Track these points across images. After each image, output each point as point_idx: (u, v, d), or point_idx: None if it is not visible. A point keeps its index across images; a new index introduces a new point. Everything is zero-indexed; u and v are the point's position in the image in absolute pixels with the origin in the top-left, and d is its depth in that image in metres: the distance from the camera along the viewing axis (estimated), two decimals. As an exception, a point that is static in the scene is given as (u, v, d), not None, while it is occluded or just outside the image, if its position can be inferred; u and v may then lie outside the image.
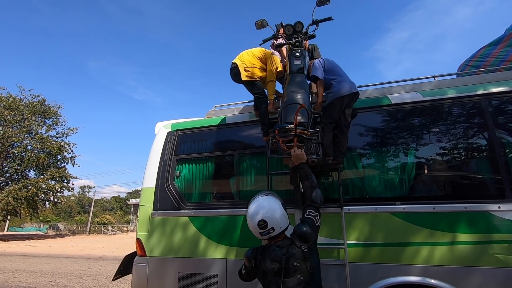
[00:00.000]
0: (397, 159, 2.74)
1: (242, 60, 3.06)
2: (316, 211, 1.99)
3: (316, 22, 2.71)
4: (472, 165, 2.61)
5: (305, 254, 1.81)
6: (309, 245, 1.86)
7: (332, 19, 2.69)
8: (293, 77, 2.67)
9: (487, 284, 2.17)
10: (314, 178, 2.18)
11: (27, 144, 22.25)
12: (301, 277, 1.76)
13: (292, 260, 1.78)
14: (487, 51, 3.56)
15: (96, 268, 8.97)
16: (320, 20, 2.70)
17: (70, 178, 23.68)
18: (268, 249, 1.89)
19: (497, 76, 2.78)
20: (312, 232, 1.89)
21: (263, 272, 1.87)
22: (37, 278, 7.19)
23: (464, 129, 2.64)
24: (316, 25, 2.73)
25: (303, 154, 2.23)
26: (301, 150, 2.27)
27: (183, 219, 3.05)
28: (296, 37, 2.70)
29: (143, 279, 2.98)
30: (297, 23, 2.65)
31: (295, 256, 1.79)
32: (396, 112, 2.83)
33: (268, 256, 1.86)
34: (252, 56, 3.09)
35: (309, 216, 1.95)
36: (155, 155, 3.39)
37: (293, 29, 2.65)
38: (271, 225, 1.86)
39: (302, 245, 1.83)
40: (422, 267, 2.31)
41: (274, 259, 1.82)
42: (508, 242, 2.19)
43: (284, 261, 1.77)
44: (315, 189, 2.08)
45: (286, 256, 1.78)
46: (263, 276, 1.88)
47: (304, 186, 2.15)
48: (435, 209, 2.40)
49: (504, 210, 2.25)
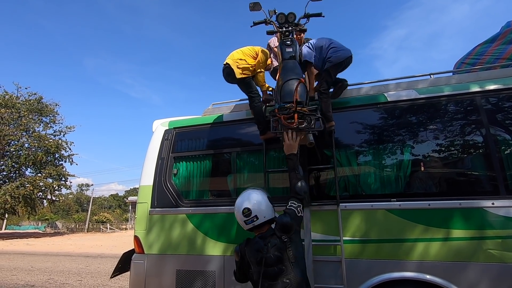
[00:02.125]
0: (393, 156, 2.76)
1: (233, 59, 3.03)
2: (299, 202, 2.05)
3: (307, 16, 2.78)
4: (467, 162, 2.64)
5: (286, 243, 1.85)
6: (289, 235, 1.90)
7: (323, 16, 2.75)
8: (285, 64, 2.70)
9: (481, 280, 2.20)
10: (301, 170, 2.30)
11: (24, 142, 22.16)
12: (283, 266, 1.81)
13: (273, 250, 1.83)
14: (483, 48, 3.57)
15: (94, 265, 8.99)
16: (311, 14, 2.76)
17: (67, 176, 23.65)
18: (252, 241, 1.95)
19: (492, 74, 2.80)
20: (293, 222, 1.93)
21: (248, 264, 1.92)
22: (35, 276, 7.20)
23: (459, 127, 2.66)
24: (307, 19, 2.78)
25: (295, 144, 2.28)
26: (293, 139, 2.31)
27: (180, 217, 3.07)
28: (287, 27, 2.73)
29: (141, 276, 3.00)
30: (290, 13, 2.72)
31: (276, 246, 1.84)
32: (392, 110, 2.85)
33: (252, 247, 1.92)
34: (243, 54, 3.07)
35: (291, 207, 2.01)
36: (153, 153, 3.40)
37: (285, 18, 2.69)
38: (255, 213, 1.92)
39: (283, 235, 1.88)
40: (417, 263, 2.34)
41: (257, 249, 1.88)
42: (501, 237, 2.23)
43: (265, 251, 1.83)
44: (299, 181, 2.13)
45: (267, 246, 1.84)
46: (248, 268, 1.93)
47: (290, 177, 2.19)
48: (430, 206, 2.43)
49: (498, 206, 2.28)
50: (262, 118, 2.93)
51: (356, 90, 3.14)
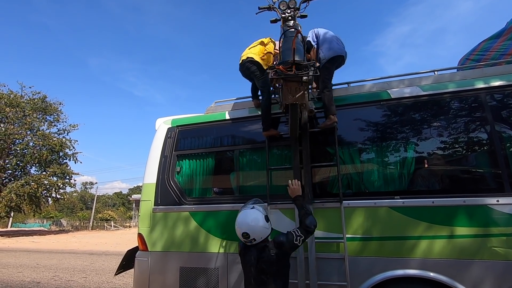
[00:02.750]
0: (396, 153, 2.74)
1: (254, 53, 3.20)
2: (304, 234, 2.16)
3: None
4: (471, 159, 2.62)
5: (271, 258, 2.07)
6: (280, 251, 2.10)
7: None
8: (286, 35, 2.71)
9: (486, 277, 2.19)
10: (309, 207, 2.53)
11: (29, 141, 22.34)
12: (266, 278, 2.06)
13: (261, 263, 2.08)
14: (488, 44, 3.53)
15: (99, 263, 9.06)
16: None
17: (72, 175, 23.79)
18: (248, 247, 2.19)
19: (498, 70, 2.77)
20: (286, 244, 2.11)
21: (244, 264, 2.24)
22: (41, 273, 7.28)
23: (463, 123, 2.64)
24: (307, 2, 2.83)
25: (299, 188, 2.44)
26: (296, 184, 2.45)
27: (184, 214, 3.08)
28: (289, 13, 2.80)
29: (145, 273, 3.02)
30: (291, 0, 2.77)
31: (264, 260, 2.08)
32: (396, 107, 2.83)
33: (246, 252, 2.19)
34: (257, 47, 3.29)
35: (293, 232, 2.16)
36: (156, 151, 3.41)
37: (287, 4, 2.77)
38: (253, 237, 2.13)
39: (273, 250, 2.10)
40: (421, 260, 2.34)
41: (250, 255, 2.15)
42: (506, 235, 2.21)
43: (255, 261, 2.10)
44: (309, 216, 2.25)
45: (257, 257, 2.10)
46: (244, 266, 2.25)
47: (300, 214, 2.32)
48: (434, 203, 2.41)
49: (502, 203, 2.26)
50: (268, 116, 2.99)
51: (358, 87, 3.13)
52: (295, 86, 2.35)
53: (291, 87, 2.36)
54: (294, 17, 2.80)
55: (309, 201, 2.69)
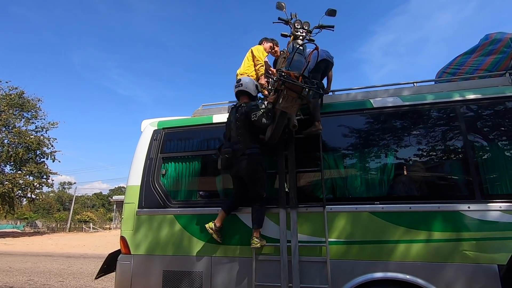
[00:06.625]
0: (377, 160, 2.86)
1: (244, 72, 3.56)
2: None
3: (321, 27, 2.89)
4: (446, 167, 2.77)
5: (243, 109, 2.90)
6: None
7: (333, 30, 2.88)
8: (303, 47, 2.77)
9: (457, 280, 2.32)
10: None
11: (4, 138, 21.33)
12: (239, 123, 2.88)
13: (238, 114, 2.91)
14: (463, 59, 3.75)
15: (76, 266, 8.77)
16: (324, 26, 2.88)
17: (49, 174, 22.89)
18: (239, 106, 2.94)
19: (471, 84, 2.96)
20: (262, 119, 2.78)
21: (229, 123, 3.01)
22: (14, 277, 6.97)
23: (440, 133, 2.79)
24: (320, 29, 2.90)
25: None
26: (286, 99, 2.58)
27: (168, 217, 3.06)
28: (301, 32, 2.85)
29: (127, 277, 2.98)
30: (306, 22, 2.85)
31: (240, 111, 2.89)
32: (377, 116, 2.96)
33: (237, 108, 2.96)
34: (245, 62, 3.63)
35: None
36: (141, 153, 3.38)
37: (302, 25, 2.84)
38: (241, 82, 3.04)
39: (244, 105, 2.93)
40: (399, 263, 2.44)
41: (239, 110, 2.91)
42: (476, 239, 2.35)
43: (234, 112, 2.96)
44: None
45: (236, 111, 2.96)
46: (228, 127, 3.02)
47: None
48: (411, 209, 2.54)
49: (473, 210, 2.41)
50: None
51: (343, 96, 3.23)
52: (293, 96, 2.40)
53: (290, 95, 2.39)
54: (303, 38, 2.85)
55: (293, 205, 2.74)
